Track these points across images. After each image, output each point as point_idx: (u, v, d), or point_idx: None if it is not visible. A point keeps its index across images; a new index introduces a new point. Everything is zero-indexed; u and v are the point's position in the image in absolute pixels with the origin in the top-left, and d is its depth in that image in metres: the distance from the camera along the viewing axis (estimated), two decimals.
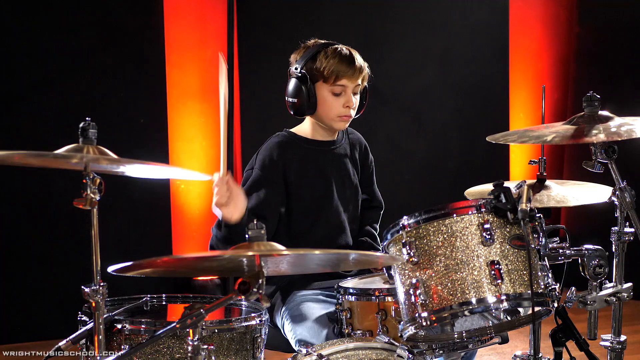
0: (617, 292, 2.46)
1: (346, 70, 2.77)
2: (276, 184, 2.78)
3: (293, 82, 2.80)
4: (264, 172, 2.78)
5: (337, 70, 2.77)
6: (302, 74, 2.78)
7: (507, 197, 2.20)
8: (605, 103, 2.59)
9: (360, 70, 2.80)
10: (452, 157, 5.97)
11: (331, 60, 2.77)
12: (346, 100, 2.80)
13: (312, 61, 2.79)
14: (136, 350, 2.04)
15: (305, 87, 2.78)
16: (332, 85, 2.78)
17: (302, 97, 2.78)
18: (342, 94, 2.80)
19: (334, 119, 2.83)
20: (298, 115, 2.86)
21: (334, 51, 2.79)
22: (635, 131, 2.42)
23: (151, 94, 5.10)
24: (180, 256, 1.88)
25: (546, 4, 6.34)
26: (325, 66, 2.77)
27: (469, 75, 5.98)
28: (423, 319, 2.20)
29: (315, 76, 2.79)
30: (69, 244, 4.78)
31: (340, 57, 2.78)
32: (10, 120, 4.79)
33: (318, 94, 2.79)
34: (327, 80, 2.78)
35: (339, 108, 2.80)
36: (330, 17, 5.53)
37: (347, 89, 2.80)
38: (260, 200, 2.73)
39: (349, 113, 2.82)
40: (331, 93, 2.79)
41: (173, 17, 5.15)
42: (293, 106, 2.82)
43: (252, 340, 2.28)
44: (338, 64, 2.77)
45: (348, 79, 2.78)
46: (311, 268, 2.26)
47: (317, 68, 2.78)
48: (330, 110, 2.81)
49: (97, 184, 2.00)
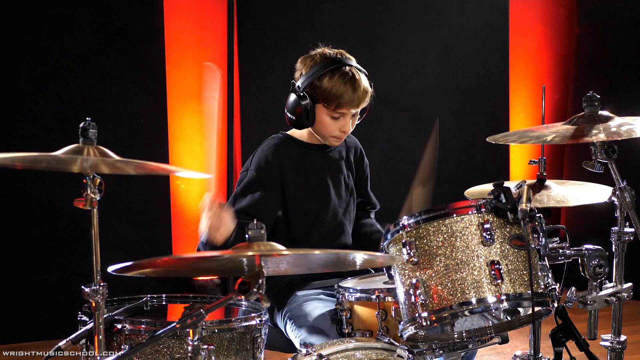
0: (617, 292, 2.46)
1: (349, 100, 2.76)
2: (271, 186, 2.78)
3: (293, 98, 2.80)
4: (259, 173, 2.79)
5: (340, 99, 2.76)
6: (304, 94, 2.78)
7: (507, 197, 2.20)
8: (605, 103, 2.59)
9: (363, 97, 2.80)
10: (452, 157, 5.97)
11: (335, 87, 2.75)
12: (343, 125, 2.82)
13: (317, 81, 2.77)
14: (136, 350, 2.04)
15: (305, 106, 2.77)
16: (332, 111, 2.79)
17: (300, 114, 2.79)
18: (340, 118, 2.81)
19: (327, 138, 2.87)
20: (295, 128, 2.87)
21: (340, 76, 2.76)
22: (635, 131, 2.42)
23: (151, 94, 5.11)
24: (180, 256, 1.88)
25: (546, 4, 6.34)
26: (328, 91, 2.76)
27: (469, 75, 5.98)
28: (423, 319, 2.20)
29: (316, 98, 2.78)
30: (69, 244, 4.79)
31: (344, 84, 2.76)
32: (10, 120, 4.79)
33: (317, 113, 2.80)
34: (329, 105, 2.78)
35: (336, 131, 2.83)
36: (330, 17, 5.53)
37: (346, 115, 2.81)
38: (254, 201, 2.74)
39: (343, 136, 2.86)
40: (330, 117, 2.80)
41: (173, 17, 5.15)
42: (290, 120, 2.83)
43: (252, 340, 2.28)
44: (342, 92, 2.75)
45: (348, 107, 2.78)
46: (311, 268, 2.26)
47: (320, 91, 2.77)
48: (326, 130, 2.83)
49: (97, 184, 2.00)
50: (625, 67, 5.87)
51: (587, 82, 6.00)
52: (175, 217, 5.19)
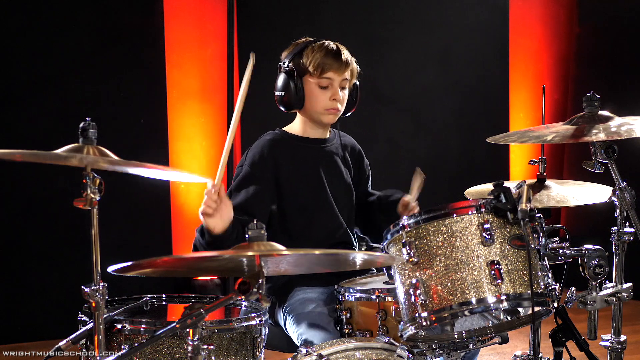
0: (617, 292, 2.46)
1: (332, 63, 2.82)
2: (266, 181, 2.79)
3: (281, 76, 2.85)
4: (254, 168, 2.80)
5: (323, 64, 2.81)
6: (290, 67, 2.83)
7: (507, 197, 2.20)
8: (605, 103, 2.60)
9: (347, 64, 2.85)
10: (452, 157, 5.97)
11: (317, 54, 2.82)
12: (333, 93, 2.84)
13: (299, 56, 2.84)
14: (136, 350, 2.04)
15: (293, 81, 2.83)
16: (319, 78, 2.82)
17: (289, 91, 2.83)
18: (328, 87, 2.84)
19: (321, 112, 2.86)
20: (287, 110, 2.89)
21: (321, 45, 2.85)
22: (635, 131, 2.42)
23: (151, 94, 5.11)
24: (180, 256, 1.88)
25: (546, 4, 6.34)
26: (311, 60, 2.82)
27: (469, 75, 5.99)
28: (423, 319, 2.20)
29: (302, 70, 2.83)
30: (69, 244, 4.79)
31: (326, 50, 2.83)
32: (10, 120, 4.79)
33: (305, 87, 2.84)
34: (314, 73, 2.82)
35: (326, 101, 2.84)
36: (330, 17, 5.53)
37: (333, 82, 2.83)
38: (248, 197, 2.74)
39: (336, 106, 2.85)
40: (318, 86, 2.83)
41: (173, 17, 5.15)
42: (281, 100, 2.86)
43: (252, 340, 2.28)
44: (324, 57, 2.82)
45: (334, 72, 2.82)
46: (311, 268, 2.26)
47: (303, 62, 2.83)
48: (317, 103, 2.84)
49: (97, 184, 2.00)
50: (625, 67, 5.87)
51: (587, 82, 6.01)
52: (175, 217, 5.19)
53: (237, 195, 2.74)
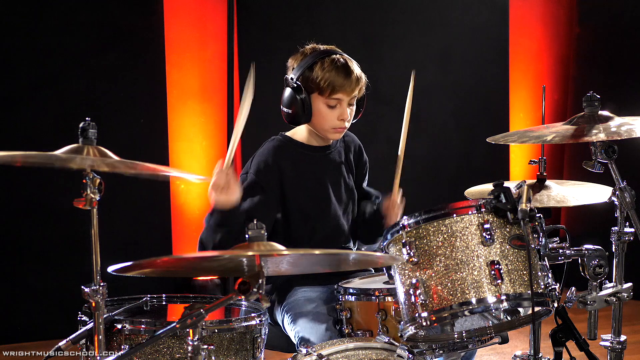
0: (617, 292, 2.46)
1: (342, 84, 2.75)
2: (271, 189, 2.78)
3: (288, 92, 2.79)
4: (259, 176, 2.78)
5: (333, 84, 2.74)
6: (298, 85, 2.77)
7: (507, 197, 2.20)
8: (605, 103, 2.60)
9: (357, 83, 2.78)
10: (452, 157, 5.96)
11: (327, 73, 2.74)
12: (341, 113, 2.79)
13: (309, 71, 2.76)
14: (136, 350, 2.04)
15: (300, 97, 2.76)
16: (328, 98, 2.77)
17: (296, 107, 2.77)
18: (337, 106, 2.78)
19: (328, 130, 2.83)
20: (292, 124, 2.86)
21: (331, 63, 2.76)
22: (635, 131, 2.42)
23: (151, 94, 5.10)
24: (180, 256, 1.88)
25: (546, 4, 6.34)
26: (321, 78, 2.74)
27: (469, 75, 5.98)
28: (423, 319, 2.20)
29: (310, 87, 2.76)
30: (69, 244, 4.78)
31: (336, 70, 2.75)
32: (10, 120, 4.79)
33: (313, 105, 2.78)
34: (323, 93, 2.76)
35: (334, 120, 2.80)
36: (330, 17, 5.52)
37: (342, 102, 2.78)
38: (253, 205, 2.73)
39: (344, 125, 2.82)
40: (326, 105, 2.78)
41: (173, 17, 5.15)
42: (288, 115, 2.81)
43: (252, 340, 2.28)
44: (334, 77, 2.74)
45: (343, 92, 2.77)
46: (311, 268, 2.26)
47: (312, 79, 2.75)
48: (325, 122, 2.80)
49: (97, 184, 2.00)
50: (625, 67, 5.87)
51: (587, 82, 6.00)
52: (175, 217, 5.18)
53: (242, 202, 2.74)
